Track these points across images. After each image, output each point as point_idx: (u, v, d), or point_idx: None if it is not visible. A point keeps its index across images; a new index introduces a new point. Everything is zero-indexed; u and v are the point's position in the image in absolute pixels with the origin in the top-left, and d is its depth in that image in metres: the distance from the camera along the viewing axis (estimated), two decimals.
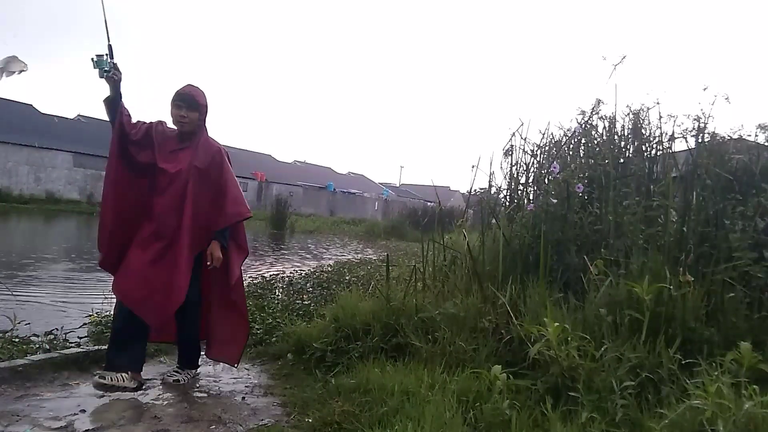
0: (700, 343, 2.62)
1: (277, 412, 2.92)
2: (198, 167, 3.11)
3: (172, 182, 3.07)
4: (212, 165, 3.16)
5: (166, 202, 3.07)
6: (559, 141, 4.78)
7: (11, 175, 27.91)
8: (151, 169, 3.11)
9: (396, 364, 3.09)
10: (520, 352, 2.88)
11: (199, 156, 3.13)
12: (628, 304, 2.80)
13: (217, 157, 3.19)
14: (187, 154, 3.12)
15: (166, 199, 3.07)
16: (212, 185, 3.15)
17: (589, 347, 2.55)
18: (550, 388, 2.55)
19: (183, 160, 3.11)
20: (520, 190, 4.65)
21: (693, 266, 3.09)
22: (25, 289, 6.29)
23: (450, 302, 3.49)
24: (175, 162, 3.10)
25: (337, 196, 44.72)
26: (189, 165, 3.09)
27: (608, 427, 2.21)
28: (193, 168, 3.10)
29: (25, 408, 2.72)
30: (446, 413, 2.39)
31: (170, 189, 3.07)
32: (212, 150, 3.19)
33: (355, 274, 7.63)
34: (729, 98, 3.77)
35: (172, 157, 3.11)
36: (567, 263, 3.54)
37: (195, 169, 3.10)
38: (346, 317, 3.69)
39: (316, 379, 3.28)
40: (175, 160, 3.11)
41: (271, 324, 4.35)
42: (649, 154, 4.40)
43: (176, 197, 3.06)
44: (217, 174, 3.18)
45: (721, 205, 3.33)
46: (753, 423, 1.89)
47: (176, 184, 3.07)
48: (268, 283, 6.64)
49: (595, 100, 4.63)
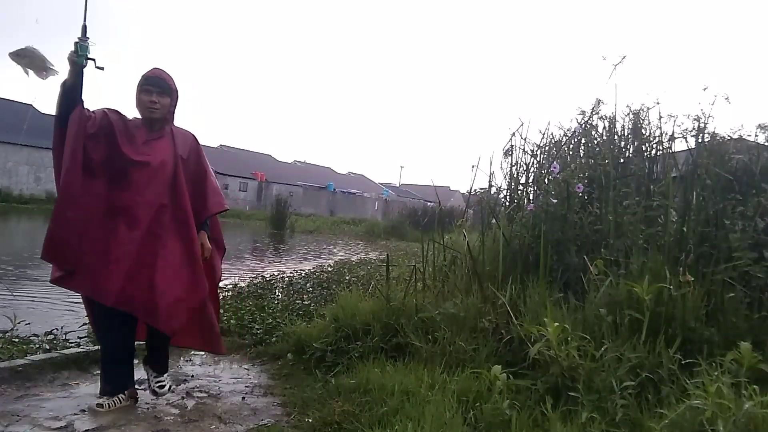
0: (700, 343, 2.62)
1: (277, 412, 2.92)
2: (182, 157, 2.86)
3: (156, 175, 2.76)
4: (191, 153, 2.94)
5: (150, 199, 2.74)
6: (559, 141, 4.78)
7: (11, 175, 27.94)
8: (108, 165, 2.72)
9: (396, 364, 3.09)
10: (520, 352, 2.88)
11: (178, 145, 2.87)
12: (628, 304, 2.80)
13: (194, 144, 2.97)
14: (165, 144, 2.84)
15: (149, 195, 2.74)
16: (192, 175, 2.92)
17: (589, 347, 2.55)
18: (550, 388, 2.55)
19: (162, 150, 2.81)
20: (520, 190, 4.65)
21: (693, 266, 3.09)
22: (25, 289, 6.29)
23: (450, 302, 3.49)
24: (153, 153, 2.78)
25: (337, 196, 44.72)
26: (173, 155, 2.83)
27: (608, 427, 2.21)
28: (179, 158, 2.84)
29: (25, 408, 2.72)
30: (446, 413, 2.39)
31: (154, 183, 2.75)
32: (189, 138, 2.96)
33: (355, 274, 7.63)
34: (729, 98, 3.78)
35: (147, 149, 2.78)
36: (567, 263, 3.54)
37: (180, 159, 2.84)
38: (346, 317, 3.69)
39: (316, 379, 3.28)
40: (152, 151, 2.78)
41: (271, 324, 4.35)
42: (649, 154, 4.40)
43: (162, 192, 2.77)
44: (196, 163, 2.95)
45: (721, 205, 3.33)
46: (753, 423, 1.89)
47: (161, 177, 2.77)
48: (268, 283, 6.65)
49: (595, 100, 4.63)
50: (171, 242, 2.78)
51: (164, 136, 2.85)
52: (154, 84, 2.79)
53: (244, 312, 4.71)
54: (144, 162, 2.74)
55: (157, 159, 2.77)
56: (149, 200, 2.74)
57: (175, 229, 2.80)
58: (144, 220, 2.72)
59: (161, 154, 2.80)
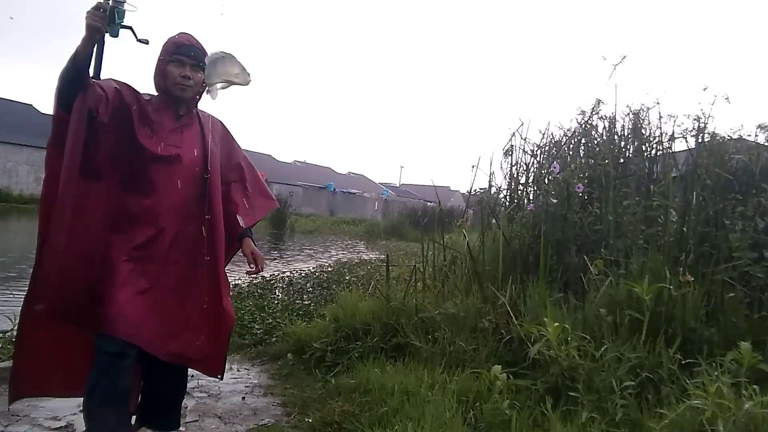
0: (700, 343, 2.62)
1: (277, 412, 2.92)
2: (214, 151, 2.24)
3: (186, 174, 2.14)
4: (223, 144, 2.33)
5: (178, 205, 2.12)
6: (559, 141, 4.79)
7: (11, 175, 27.91)
8: (120, 163, 2.08)
9: (396, 364, 3.09)
10: (520, 352, 2.88)
11: (211, 135, 2.25)
12: (628, 304, 2.80)
13: (226, 133, 2.37)
14: (195, 133, 2.21)
15: (176, 200, 2.12)
16: (225, 171, 2.31)
17: (589, 347, 2.55)
18: (550, 388, 2.55)
19: (192, 140, 2.19)
20: (520, 190, 4.65)
21: (693, 266, 3.09)
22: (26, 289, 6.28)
23: (450, 302, 3.49)
24: (184, 145, 2.15)
25: (337, 196, 44.70)
26: (204, 149, 2.20)
27: (608, 427, 2.21)
28: (212, 153, 2.21)
29: (24, 408, 2.71)
30: (446, 413, 2.39)
31: (183, 184, 2.13)
32: (217, 124, 2.33)
33: (355, 274, 7.63)
34: (729, 98, 3.78)
35: (176, 139, 2.15)
36: (567, 263, 3.54)
37: (213, 155, 2.22)
38: (346, 317, 3.69)
39: (316, 379, 3.28)
40: (182, 142, 2.15)
41: (271, 324, 4.36)
42: (649, 154, 4.41)
43: (190, 195, 2.15)
44: (228, 155, 2.33)
45: (721, 205, 3.33)
46: (753, 423, 1.89)
47: (191, 176, 2.15)
48: (268, 283, 6.64)
49: (595, 100, 4.65)
50: (200, 262, 2.17)
51: (194, 123, 2.23)
52: (187, 54, 2.11)
53: (244, 312, 4.71)
54: (172, 157, 2.11)
55: (189, 153, 2.16)
56: (177, 207, 2.12)
57: (205, 245, 2.17)
58: (170, 232, 2.10)
59: (192, 145, 2.18)
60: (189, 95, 2.16)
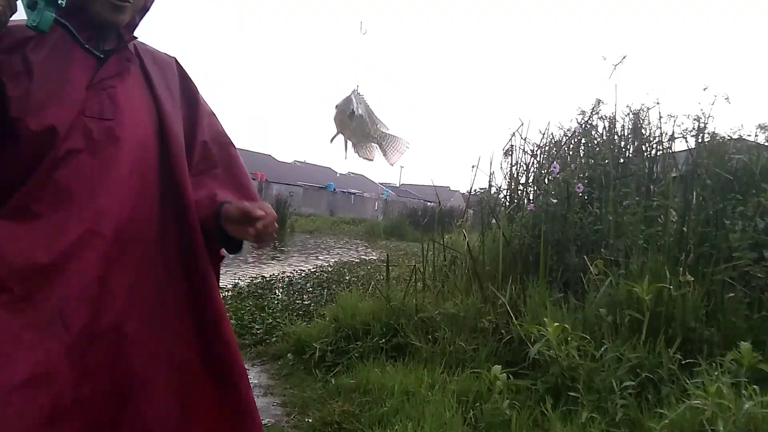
0: (700, 343, 2.62)
1: (277, 412, 2.91)
2: (172, 115, 1.25)
3: (127, 168, 1.14)
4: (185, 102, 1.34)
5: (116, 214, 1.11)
6: (559, 141, 4.80)
7: None
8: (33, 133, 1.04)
9: (396, 364, 3.09)
10: (520, 352, 2.88)
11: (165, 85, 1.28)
12: (628, 304, 2.80)
13: (186, 81, 1.36)
14: (136, 87, 1.21)
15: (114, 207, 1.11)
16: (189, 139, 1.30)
17: (589, 347, 2.55)
18: (550, 388, 2.55)
19: (132, 101, 1.18)
20: (520, 190, 4.66)
21: (693, 266, 3.09)
22: None
23: (450, 302, 3.49)
24: (116, 113, 1.14)
25: (337, 196, 44.68)
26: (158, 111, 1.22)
27: (608, 427, 2.21)
28: (168, 118, 1.23)
29: None
30: (446, 413, 2.39)
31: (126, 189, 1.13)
32: (171, 66, 1.34)
33: (355, 274, 7.63)
34: (729, 98, 3.79)
35: (101, 102, 1.13)
36: (567, 263, 3.54)
37: (171, 121, 1.24)
38: (346, 317, 3.69)
39: (316, 379, 3.28)
40: (113, 107, 1.14)
41: (271, 324, 4.35)
42: (649, 154, 4.41)
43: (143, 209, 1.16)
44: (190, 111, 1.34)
45: (721, 205, 3.33)
46: (753, 423, 1.89)
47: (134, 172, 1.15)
48: (268, 283, 6.64)
49: (595, 100, 4.66)
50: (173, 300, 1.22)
51: (131, 65, 1.22)
52: None
53: (244, 312, 4.70)
54: (98, 137, 1.11)
55: (132, 124, 1.16)
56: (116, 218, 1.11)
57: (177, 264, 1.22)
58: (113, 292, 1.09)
59: (135, 107, 1.19)
60: (125, 18, 1.16)
